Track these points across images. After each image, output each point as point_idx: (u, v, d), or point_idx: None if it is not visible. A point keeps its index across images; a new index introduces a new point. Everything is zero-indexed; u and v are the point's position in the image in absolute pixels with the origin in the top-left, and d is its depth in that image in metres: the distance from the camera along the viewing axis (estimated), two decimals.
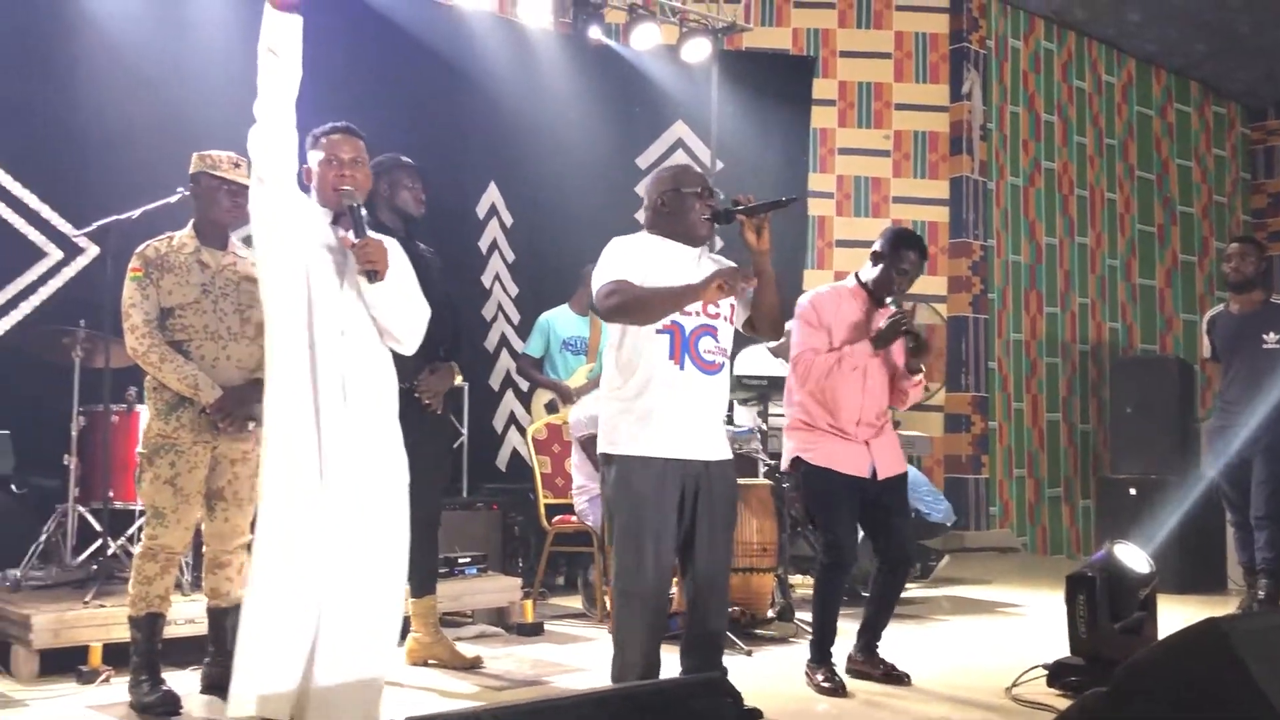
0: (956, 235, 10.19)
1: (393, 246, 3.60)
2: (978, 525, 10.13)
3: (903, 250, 4.53)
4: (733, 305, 3.77)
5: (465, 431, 7.63)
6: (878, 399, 4.58)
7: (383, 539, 3.45)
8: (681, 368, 3.66)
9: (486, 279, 8.17)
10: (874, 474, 4.53)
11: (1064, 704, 4.09)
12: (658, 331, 3.63)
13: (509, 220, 8.29)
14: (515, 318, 8.24)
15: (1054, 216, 11.13)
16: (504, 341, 8.20)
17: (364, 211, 3.57)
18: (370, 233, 3.50)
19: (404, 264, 3.66)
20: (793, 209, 9.48)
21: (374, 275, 3.41)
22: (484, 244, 8.18)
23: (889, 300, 4.51)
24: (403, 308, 3.57)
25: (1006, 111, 10.77)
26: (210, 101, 6.41)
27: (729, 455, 3.80)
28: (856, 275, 4.66)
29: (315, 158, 3.61)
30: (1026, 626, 6.15)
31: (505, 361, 8.18)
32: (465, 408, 7.67)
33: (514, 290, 8.30)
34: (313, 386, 3.35)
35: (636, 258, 3.67)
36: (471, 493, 7.40)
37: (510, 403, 8.21)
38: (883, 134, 10.17)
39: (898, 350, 4.60)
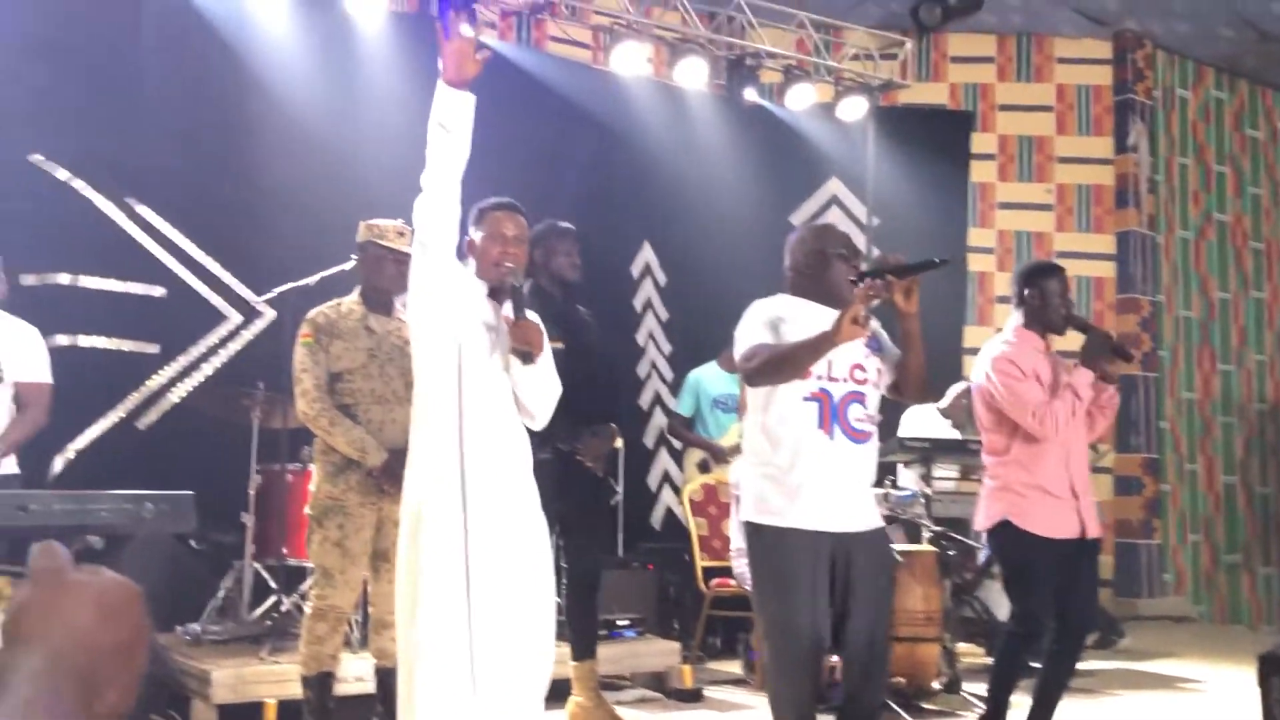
0: (1124, 291, 9.85)
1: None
2: (1150, 593, 9.68)
3: (1045, 283, 4.39)
4: (879, 369, 3.66)
5: (620, 491, 7.65)
6: (1082, 448, 4.40)
7: (530, 606, 3.43)
8: (831, 437, 3.55)
9: (641, 337, 8.21)
10: (1082, 533, 4.31)
11: None
12: (805, 399, 3.52)
13: (663, 279, 8.34)
14: (669, 376, 8.26)
15: (1227, 270, 10.67)
16: (657, 400, 8.22)
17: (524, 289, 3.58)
18: (528, 313, 3.49)
19: (546, 342, 3.67)
20: (952, 265, 9.31)
21: (528, 357, 3.42)
22: (638, 303, 8.24)
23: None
24: (544, 387, 3.57)
25: (1175, 163, 10.40)
26: (380, 172, 6.64)
27: (880, 524, 3.68)
28: (1016, 328, 4.47)
29: (478, 232, 3.62)
30: (1209, 705, 5.82)
31: (659, 420, 8.19)
32: (620, 466, 7.69)
33: (668, 348, 8.33)
34: (460, 454, 3.38)
35: (776, 321, 3.61)
36: (627, 552, 7.38)
37: (664, 461, 8.21)
38: (1045, 188, 9.92)
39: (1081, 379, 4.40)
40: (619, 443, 4.81)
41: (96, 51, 6.14)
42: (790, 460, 3.52)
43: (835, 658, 4.80)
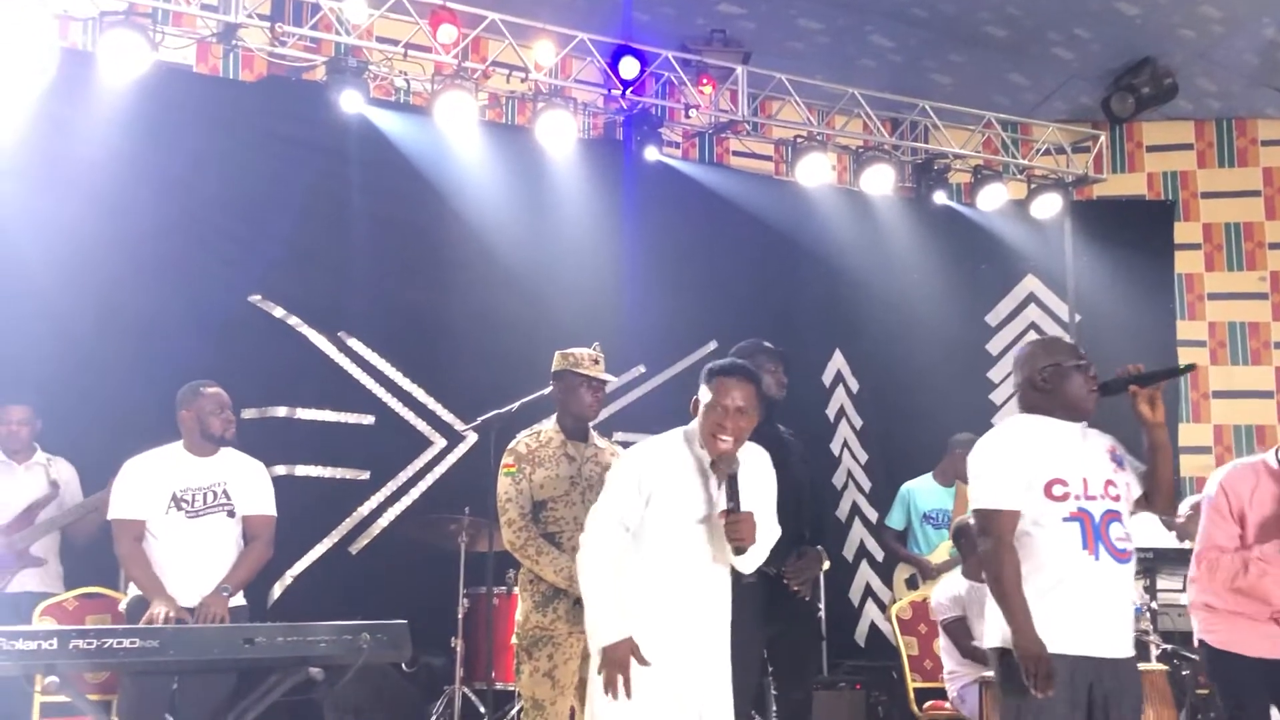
0: None
1: (762, 466, 3.55)
2: None
3: None
4: (1128, 484, 3.49)
5: (823, 606, 7.45)
6: None
7: None
8: (1097, 558, 3.40)
9: (835, 446, 8.07)
10: None
11: None
12: (1065, 520, 3.40)
13: (855, 386, 8.22)
14: (866, 485, 8.08)
15: None
16: (855, 510, 8.04)
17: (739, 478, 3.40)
18: (743, 500, 3.35)
19: (770, 484, 3.57)
20: (1163, 360, 8.91)
21: (739, 551, 3.33)
22: (831, 412, 8.13)
23: None
24: (762, 554, 3.48)
25: None
26: (571, 297, 6.81)
27: (1134, 651, 3.47)
28: (1276, 452, 4.21)
29: (706, 394, 3.46)
30: None
31: (858, 531, 8.00)
32: (822, 582, 7.52)
33: (863, 457, 8.17)
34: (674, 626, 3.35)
35: (1016, 450, 3.49)
36: (831, 670, 7.16)
37: (866, 574, 7.98)
38: (1257, 275, 9.40)
39: None
40: (825, 564, 4.68)
41: (308, 193, 6.50)
42: (1055, 580, 3.40)
43: None
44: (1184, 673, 5.23)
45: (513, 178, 7.06)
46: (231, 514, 4.53)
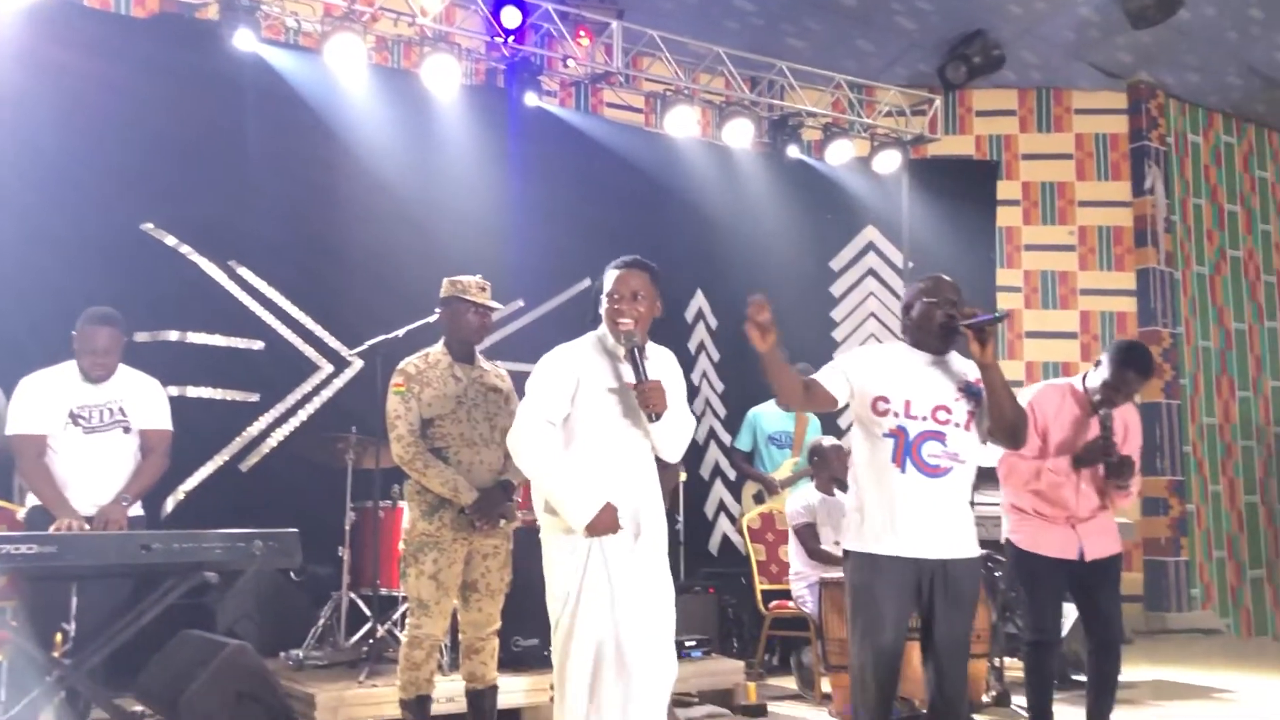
0: (1145, 324, 9.71)
1: (668, 362, 3.62)
2: (1179, 607, 9.46)
3: (1124, 371, 4.28)
4: (969, 412, 3.62)
5: (681, 519, 7.61)
6: (1089, 498, 4.33)
7: (659, 625, 3.46)
8: (903, 471, 3.54)
9: (695, 377, 8.18)
10: (1081, 556, 4.25)
11: None
12: (884, 435, 3.55)
13: (714, 323, 8.32)
14: (722, 412, 8.22)
15: (1242, 303, 10.49)
16: (712, 434, 8.18)
17: (645, 352, 3.49)
18: (649, 372, 3.44)
19: (678, 379, 3.65)
20: (983, 304, 9.23)
21: (654, 416, 3.40)
22: (692, 345, 8.22)
23: (1101, 413, 4.27)
24: (678, 430, 3.57)
25: (1189, 204, 10.27)
26: (457, 231, 6.73)
27: (969, 554, 3.61)
28: (1083, 378, 4.43)
29: (606, 287, 3.54)
30: (1243, 715, 5.65)
31: (714, 452, 8.15)
32: (680, 497, 7.66)
33: (720, 387, 8.30)
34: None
35: (858, 363, 3.68)
36: (688, 577, 7.32)
37: (719, 491, 8.16)
38: (1067, 230, 9.83)
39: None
40: (682, 476, 4.78)
41: (201, 126, 6.25)
42: (868, 490, 3.57)
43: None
44: (996, 574, 5.51)
45: (400, 118, 6.91)
46: (128, 430, 4.40)
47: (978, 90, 9.84)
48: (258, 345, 6.35)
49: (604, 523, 3.35)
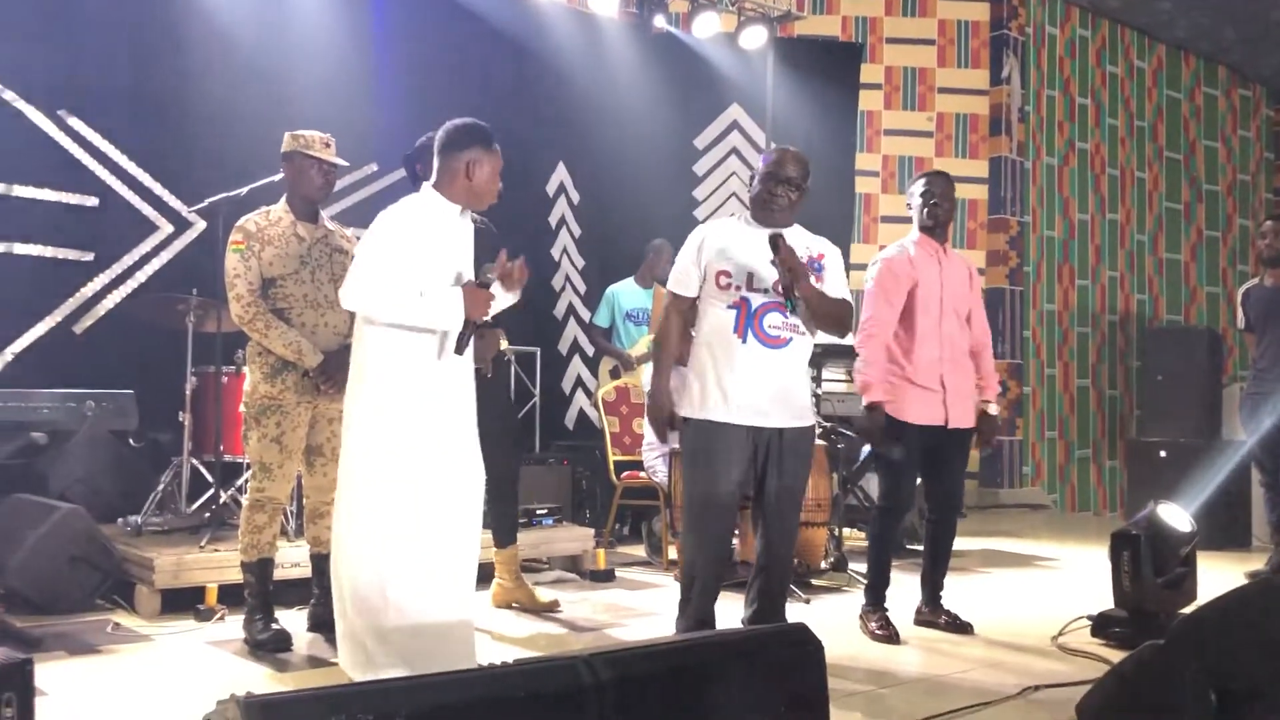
0: (995, 212, 10.01)
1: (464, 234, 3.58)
2: (1011, 484, 10.00)
3: (931, 180, 4.46)
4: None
5: (537, 393, 7.64)
6: (960, 345, 4.41)
7: (465, 497, 3.42)
8: (744, 341, 3.62)
9: (555, 252, 8.13)
10: (946, 423, 4.32)
11: (1108, 653, 4.02)
12: (727, 307, 3.60)
13: (576, 198, 8.25)
14: (582, 288, 8.21)
15: (1086, 194, 10.90)
16: (571, 310, 8.18)
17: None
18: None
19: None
20: (842, 187, 9.31)
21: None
22: (553, 219, 8.15)
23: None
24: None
25: (1043, 95, 10.54)
26: (305, 88, 6.44)
27: (804, 423, 3.72)
28: (915, 233, 4.51)
29: (483, 158, 3.47)
30: (1064, 579, 6.05)
31: (572, 329, 8.16)
32: (537, 371, 7.68)
33: (580, 263, 8.27)
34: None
35: (700, 247, 3.73)
36: (544, 449, 7.41)
37: (577, 366, 8.20)
38: (926, 116, 9.98)
39: (969, 297, 4.47)
40: (506, 345, 4.76)
41: None
42: (709, 358, 3.60)
43: (736, 542, 4.94)
44: (839, 446, 5.71)
45: None
46: None
47: None
48: (91, 201, 6.02)
49: (478, 301, 3.32)
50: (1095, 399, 10.96)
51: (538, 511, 5.65)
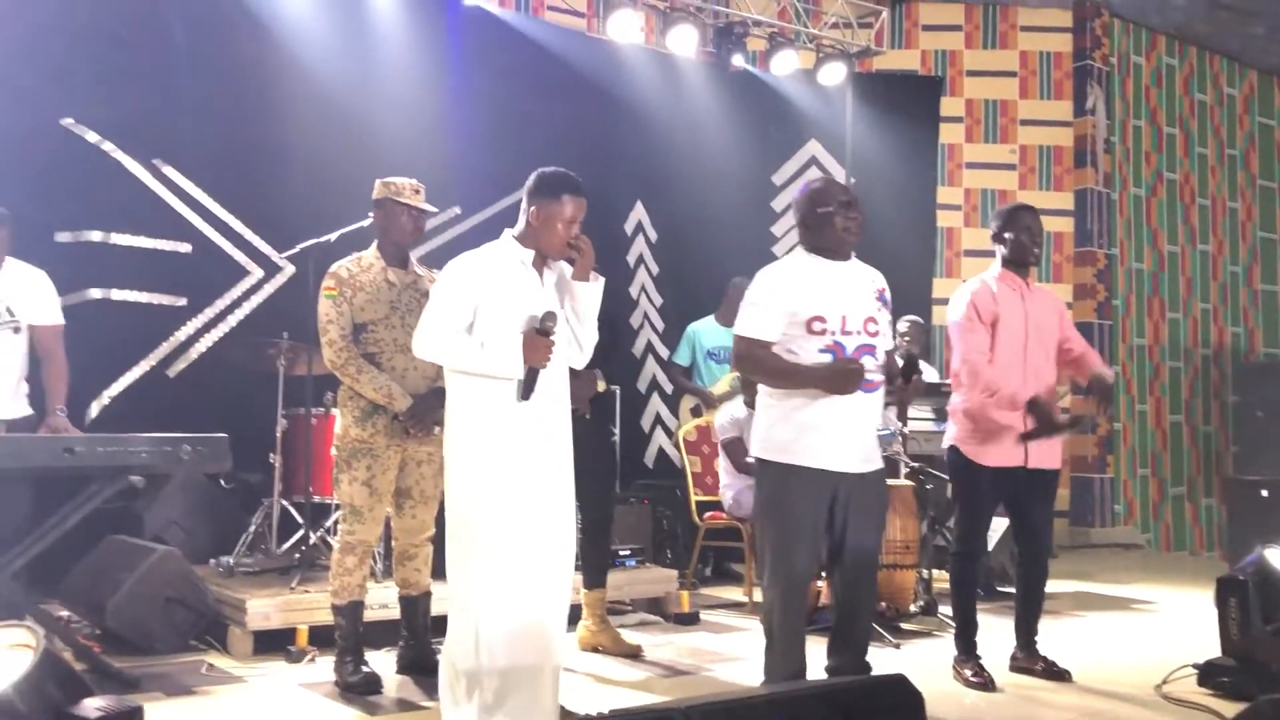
0: (1082, 244, 9.83)
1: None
2: (1102, 522, 9.75)
3: (1018, 215, 4.38)
4: (890, 323, 3.66)
5: (617, 432, 7.65)
6: (1043, 378, 4.34)
7: (559, 540, 3.41)
8: None
9: (634, 290, 8.17)
10: (1025, 463, 4.25)
11: (1216, 703, 3.89)
12: (820, 350, 3.53)
13: (654, 236, 8.28)
14: (660, 326, 8.23)
15: (1176, 225, 10.65)
16: (649, 348, 8.20)
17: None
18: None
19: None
20: (923, 221, 9.23)
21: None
22: (631, 258, 8.19)
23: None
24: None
25: (1129, 125, 10.35)
26: (392, 135, 6.56)
27: (880, 465, 3.68)
28: (997, 267, 4.45)
29: (556, 209, 3.41)
30: (1163, 624, 5.86)
31: (651, 366, 8.17)
32: (617, 411, 7.69)
33: (659, 300, 8.29)
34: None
35: (782, 289, 3.59)
36: (624, 489, 7.38)
37: (656, 404, 8.20)
38: (1009, 149, 9.86)
39: (1056, 327, 4.43)
40: (603, 387, 4.76)
41: (124, 19, 6.01)
42: (802, 402, 3.52)
43: (822, 584, 4.87)
44: (928, 487, 5.61)
45: (336, 16, 6.68)
46: (17, 330, 4.34)
47: (924, 4, 9.77)
48: (184, 248, 6.19)
49: (538, 348, 3.29)
50: (1189, 435, 10.66)
51: (620, 552, 5.61)
